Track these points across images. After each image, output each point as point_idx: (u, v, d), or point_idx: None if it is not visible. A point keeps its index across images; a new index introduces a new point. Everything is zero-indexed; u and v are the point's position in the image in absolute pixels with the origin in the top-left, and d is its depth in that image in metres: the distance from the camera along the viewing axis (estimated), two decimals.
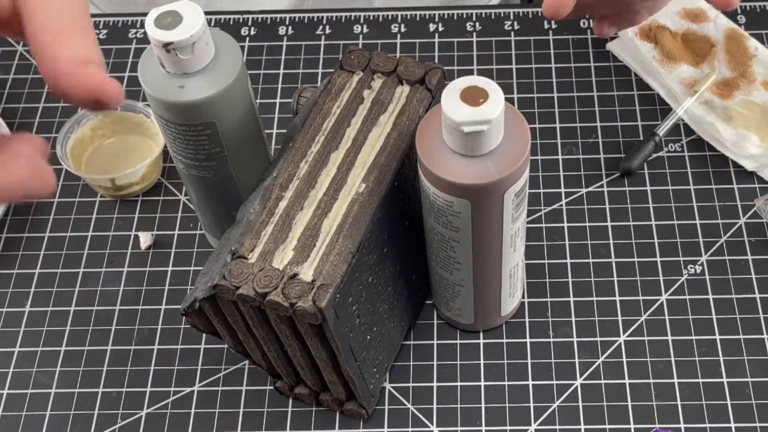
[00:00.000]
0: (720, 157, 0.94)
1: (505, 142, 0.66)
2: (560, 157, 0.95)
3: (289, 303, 0.64)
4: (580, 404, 0.81)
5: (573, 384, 0.82)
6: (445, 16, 1.07)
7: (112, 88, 0.51)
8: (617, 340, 0.84)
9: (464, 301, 0.80)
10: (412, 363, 0.84)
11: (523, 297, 0.86)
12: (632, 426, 0.79)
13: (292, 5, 1.12)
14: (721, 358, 0.82)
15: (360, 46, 0.86)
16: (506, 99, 0.88)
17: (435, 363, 0.83)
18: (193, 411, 0.82)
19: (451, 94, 0.64)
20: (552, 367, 0.83)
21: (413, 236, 0.78)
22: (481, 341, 0.84)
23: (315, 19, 1.07)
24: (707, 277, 0.87)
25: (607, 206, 0.91)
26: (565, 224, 0.91)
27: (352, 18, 1.08)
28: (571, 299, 0.86)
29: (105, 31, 1.07)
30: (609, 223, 0.90)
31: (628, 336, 0.84)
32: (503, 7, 1.07)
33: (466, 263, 0.75)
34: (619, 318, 0.85)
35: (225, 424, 0.81)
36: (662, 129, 0.94)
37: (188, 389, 0.83)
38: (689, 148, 0.95)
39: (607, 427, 0.79)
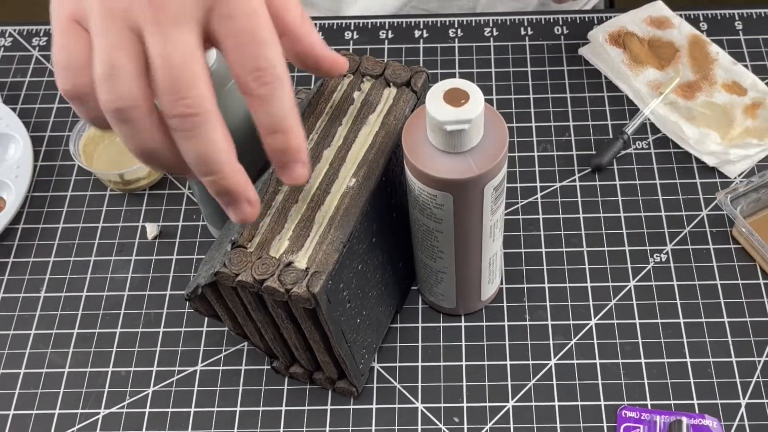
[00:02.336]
0: (684, 154, 0.94)
1: (484, 140, 0.66)
2: (536, 153, 0.95)
3: (285, 289, 0.64)
4: (554, 382, 0.81)
5: (548, 364, 0.82)
6: (430, 24, 1.07)
7: (345, 61, 0.66)
8: (588, 323, 0.84)
9: (447, 287, 0.80)
10: (398, 344, 0.83)
11: (501, 283, 0.86)
12: (602, 402, 0.79)
13: None
14: (685, 340, 0.82)
15: (351, 51, 0.86)
16: (486, 100, 0.88)
17: (420, 344, 0.83)
18: (196, 388, 0.82)
19: (435, 95, 0.64)
20: (528, 348, 0.83)
21: (400, 227, 0.78)
22: (463, 324, 0.84)
23: None
24: (672, 264, 0.87)
25: (579, 199, 0.91)
26: (541, 216, 0.90)
27: (343, 25, 1.07)
28: (546, 285, 0.86)
29: None
30: (581, 215, 0.90)
31: (598, 319, 0.84)
32: (483, 15, 1.07)
33: (449, 252, 0.75)
34: (591, 303, 0.85)
35: (225, 401, 0.81)
36: (630, 128, 0.94)
37: (191, 368, 0.83)
38: (655, 146, 0.95)
39: (579, 403, 0.79)
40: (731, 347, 0.82)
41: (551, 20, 1.06)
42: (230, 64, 0.57)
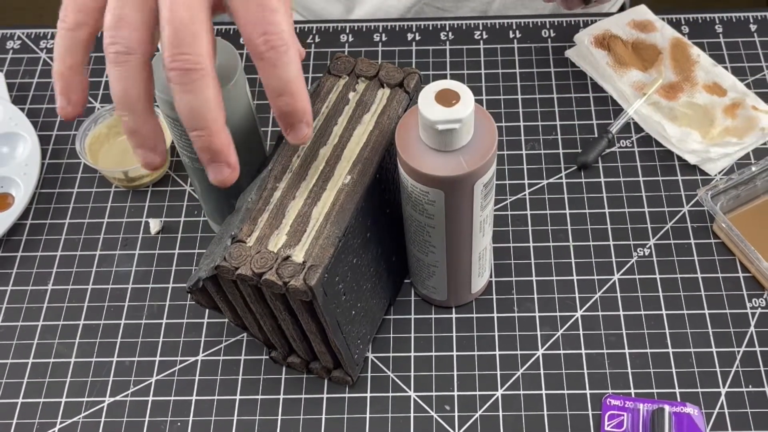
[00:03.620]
0: (666, 152, 0.94)
1: (474, 139, 0.66)
2: (524, 152, 0.95)
3: (283, 282, 0.64)
4: (542, 372, 0.81)
5: (535, 354, 0.82)
6: (422, 27, 1.07)
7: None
8: (574, 315, 0.84)
9: (438, 280, 0.80)
10: (392, 335, 0.83)
11: (491, 276, 0.86)
12: (588, 391, 0.79)
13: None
14: (667, 331, 0.82)
15: (346, 54, 0.85)
16: (476, 100, 0.88)
17: (412, 335, 0.83)
18: (197, 378, 0.82)
19: (427, 96, 0.64)
20: (516, 338, 0.83)
21: (393, 222, 0.78)
22: (454, 316, 0.84)
23: (306, 29, 1.07)
24: (654, 258, 0.87)
25: (566, 196, 0.91)
26: (528, 212, 0.90)
27: (339, 28, 1.07)
28: (534, 278, 0.86)
29: None
30: (567, 211, 0.90)
31: (584, 311, 0.84)
32: (473, 19, 1.07)
33: (440, 246, 0.74)
34: (576, 295, 0.85)
35: (226, 389, 0.81)
36: (615, 127, 0.94)
37: (193, 358, 0.83)
38: (639, 144, 0.95)
39: (566, 392, 0.79)
40: (712, 338, 0.82)
41: (539, 24, 1.06)
42: (240, 27, 0.58)
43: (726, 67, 1.00)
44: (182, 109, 0.58)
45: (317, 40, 1.06)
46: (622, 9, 1.29)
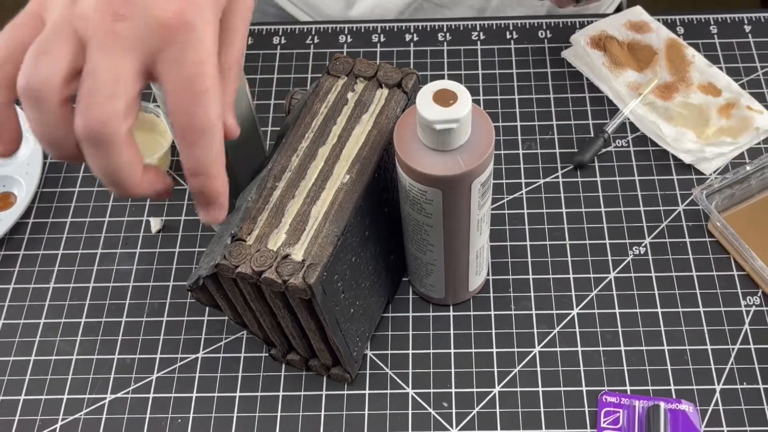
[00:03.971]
0: (661, 152, 0.94)
1: (472, 139, 0.66)
2: (521, 151, 0.95)
3: (282, 280, 0.64)
4: (539, 369, 0.81)
5: (532, 351, 0.82)
6: (420, 28, 1.07)
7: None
8: (571, 313, 0.84)
9: (436, 278, 0.80)
10: (390, 333, 0.83)
11: (488, 275, 0.86)
12: (584, 388, 0.79)
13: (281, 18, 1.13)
14: (662, 329, 0.82)
15: (344, 54, 0.85)
16: (473, 100, 0.88)
17: (410, 333, 0.83)
18: (197, 375, 0.82)
19: (425, 96, 0.64)
20: (513, 336, 0.83)
21: (391, 221, 0.78)
22: (451, 314, 0.84)
23: (305, 30, 1.07)
24: (650, 257, 0.87)
25: (562, 195, 0.91)
26: (525, 211, 0.90)
27: (338, 29, 1.07)
28: (530, 276, 0.86)
29: None
30: (563, 210, 0.90)
31: (580, 309, 0.84)
32: (470, 20, 1.07)
33: (438, 245, 0.74)
34: (573, 293, 0.85)
35: (226, 386, 0.81)
36: (610, 127, 0.94)
37: (193, 356, 0.83)
38: (634, 144, 0.95)
39: (562, 389, 0.79)
40: (706, 335, 0.82)
41: (535, 24, 1.06)
42: (167, 105, 0.55)
43: (721, 68, 1.00)
44: (95, 170, 0.56)
45: (316, 40, 1.06)
46: (618, 10, 1.29)
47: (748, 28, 1.05)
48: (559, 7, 0.96)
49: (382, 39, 1.06)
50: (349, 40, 1.06)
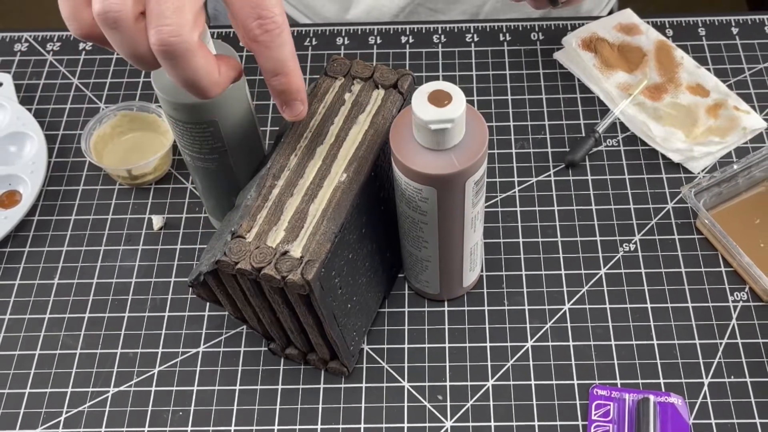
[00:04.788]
0: (651, 151, 0.94)
1: (466, 138, 0.66)
2: (513, 150, 0.95)
3: (281, 276, 0.64)
4: (531, 363, 0.81)
5: (524, 345, 0.82)
6: (415, 30, 1.07)
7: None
8: (562, 308, 0.84)
9: (431, 274, 0.80)
10: (386, 327, 0.83)
11: (482, 271, 0.86)
12: (575, 382, 0.79)
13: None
14: (652, 324, 0.82)
15: (342, 56, 0.85)
16: (467, 101, 0.88)
17: (406, 327, 0.83)
18: (198, 369, 0.82)
19: (420, 96, 0.64)
20: (506, 331, 0.83)
21: (387, 219, 0.78)
22: (446, 309, 0.84)
23: (303, 32, 1.07)
24: (640, 253, 0.87)
25: (554, 193, 0.91)
26: (518, 208, 0.90)
27: (335, 31, 1.07)
28: (523, 273, 0.86)
29: None
30: (555, 208, 0.90)
31: (572, 304, 0.84)
32: (465, 22, 1.07)
33: (433, 242, 0.74)
34: (564, 289, 0.85)
35: (226, 380, 0.81)
36: (601, 127, 0.94)
37: (194, 350, 0.83)
38: (624, 143, 0.95)
39: (554, 382, 0.80)
40: (695, 330, 0.82)
41: (528, 27, 1.06)
42: (235, 13, 0.58)
43: (709, 69, 1.00)
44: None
45: (314, 42, 1.06)
46: (610, 13, 1.29)
47: (735, 30, 1.05)
48: (535, 8, 0.96)
49: (379, 41, 1.06)
50: (346, 42, 1.06)
